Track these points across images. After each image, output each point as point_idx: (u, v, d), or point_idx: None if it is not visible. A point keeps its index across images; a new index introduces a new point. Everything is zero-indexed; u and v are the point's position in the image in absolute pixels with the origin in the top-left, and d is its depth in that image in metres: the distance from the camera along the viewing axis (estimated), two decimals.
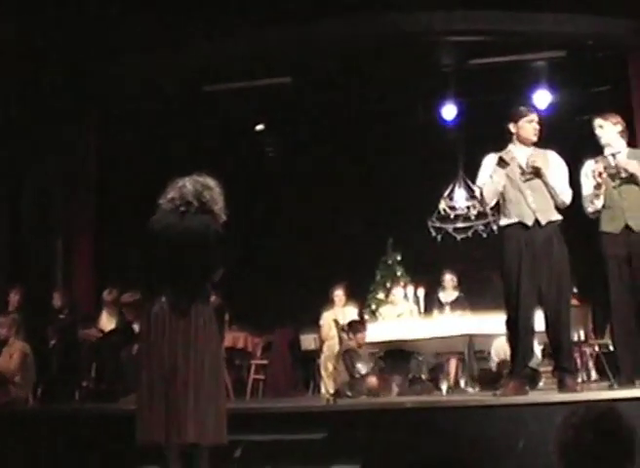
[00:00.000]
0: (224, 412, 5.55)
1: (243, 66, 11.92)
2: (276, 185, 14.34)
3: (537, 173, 6.98)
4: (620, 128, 7.33)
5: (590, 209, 7.18)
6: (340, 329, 10.74)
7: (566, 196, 7.08)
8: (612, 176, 7.15)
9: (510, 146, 7.23)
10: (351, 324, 10.40)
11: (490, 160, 7.23)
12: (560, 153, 7.24)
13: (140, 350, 5.69)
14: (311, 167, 14.41)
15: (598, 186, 7.08)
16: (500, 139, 7.37)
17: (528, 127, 7.17)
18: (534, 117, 7.21)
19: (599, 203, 7.13)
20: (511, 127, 7.18)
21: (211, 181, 5.89)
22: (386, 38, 11.27)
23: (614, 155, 7.22)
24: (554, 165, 7.13)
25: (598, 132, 7.28)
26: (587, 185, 7.21)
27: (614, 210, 7.11)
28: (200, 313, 5.49)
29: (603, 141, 7.27)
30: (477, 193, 7.36)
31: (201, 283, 5.67)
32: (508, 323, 7.16)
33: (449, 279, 11.62)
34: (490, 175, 7.05)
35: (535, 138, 7.18)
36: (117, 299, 10.57)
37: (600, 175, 7.08)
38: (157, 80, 11.89)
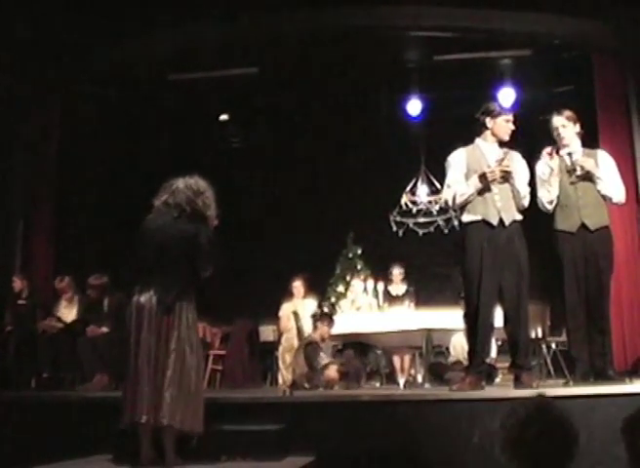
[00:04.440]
0: (202, 403, 5.80)
1: (210, 56, 11.87)
2: (238, 175, 14.28)
3: (506, 177, 7.00)
4: (578, 128, 7.38)
5: (545, 198, 7.20)
6: (312, 316, 10.75)
7: (526, 200, 7.13)
8: (569, 173, 7.19)
9: (478, 141, 7.23)
10: (322, 314, 10.45)
11: (458, 156, 7.21)
12: (522, 152, 7.27)
13: (125, 338, 5.85)
14: (274, 158, 14.39)
15: (551, 171, 7.15)
16: (463, 135, 7.37)
17: (504, 125, 7.17)
18: (511, 117, 7.23)
19: (554, 191, 7.17)
20: (487, 121, 7.16)
21: (203, 185, 6.08)
22: (353, 32, 11.26)
23: (570, 154, 7.26)
24: (519, 168, 7.15)
25: (561, 131, 7.30)
26: (542, 174, 7.26)
27: (569, 208, 7.16)
28: (184, 309, 5.77)
29: (565, 141, 7.30)
30: (446, 193, 7.26)
31: (188, 282, 5.89)
32: (468, 318, 7.19)
33: (397, 273, 11.71)
34: (467, 184, 7.04)
35: (507, 138, 7.19)
36: (69, 286, 10.56)
37: (551, 154, 7.14)
38: (123, 67, 11.80)
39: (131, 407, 5.59)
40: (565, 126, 7.32)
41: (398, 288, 11.59)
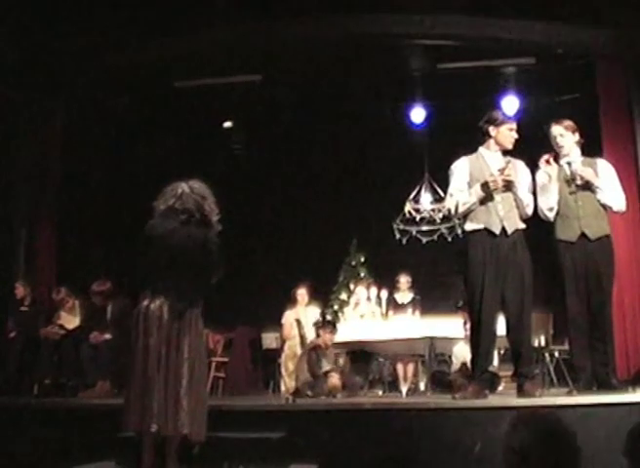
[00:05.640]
0: (206, 411, 5.79)
1: (214, 63, 11.87)
2: (241, 183, 14.29)
3: (508, 186, 7.00)
4: (577, 137, 7.38)
5: (544, 205, 7.20)
6: (314, 324, 10.76)
7: (530, 208, 7.13)
8: (568, 183, 7.20)
9: (481, 150, 7.22)
10: (324, 321, 10.45)
11: (461, 165, 7.21)
12: (525, 161, 7.27)
13: (132, 344, 5.78)
14: (277, 166, 14.39)
15: (549, 178, 7.17)
16: (466, 144, 7.37)
17: (507, 134, 7.17)
18: (514, 126, 7.23)
19: (553, 198, 7.17)
20: (490, 130, 7.16)
21: (206, 190, 6.07)
22: (357, 40, 11.26)
23: (569, 163, 7.27)
24: (522, 176, 7.15)
25: (559, 140, 7.32)
26: (540, 181, 7.29)
27: (570, 218, 7.16)
28: (194, 316, 5.75)
29: (563, 151, 7.31)
30: (449, 201, 7.27)
31: (198, 288, 5.87)
32: (471, 327, 7.18)
33: (404, 281, 11.68)
34: (470, 193, 7.04)
35: (511, 147, 7.19)
36: (67, 296, 10.57)
37: (548, 161, 7.16)
38: (127, 73, 11.80)
39: (139, 415, 5.54)
40: (563, 135, 7.32)
41: (404, 296, 11.58)
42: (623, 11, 10.19)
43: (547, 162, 7.24)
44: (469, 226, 7.07)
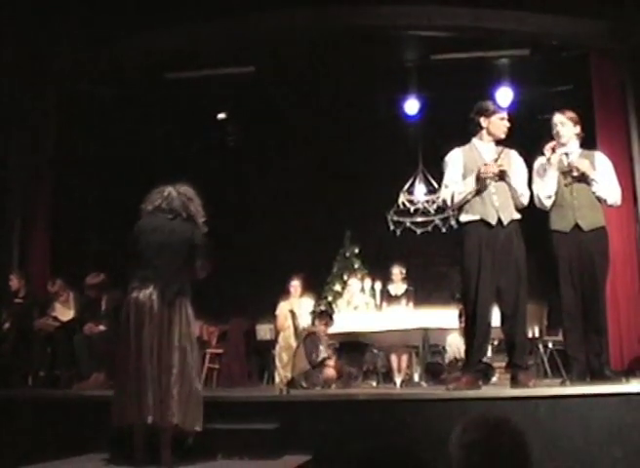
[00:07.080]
0: (202, 401, 5.83)
1: (206, 54, 11.85)
2: (235, 174, 14.28)
3: (502, 176, 7.00)
4: (578, 129, 7.38)
5: (542, 193, 7.21)
6: (311, 313, 10.77)
7: (525, 198, 7.13)
8: (564, 174, 7.20)
9: (474, 141, 7.23)
10: (323, 313, 10.46)
11: (455, 156, 7.21)
12: (520, 152, 7.27)
13: (123, 336, 5.82)
14: (271, 157, 14.38)
15: (550, 165, 7.18)
16: (460, 135, 7.37)
17: (499, 124, 7.18)
18: (505, 115, 7.24)
19: (552, 186, 7.18)
20: (482, 121, 7.17)
21: (192, 192, 6.20)
22: (350, 31, 11.24)
23: (567, 154, 7.27)
24: (516, 166, 7.16)
25: (559, 128, 7.31)
26: (539, 168, 7.30)
27: (564, 208, 7.17)
28: (183, 305, 5.81)
29: (562, 140, 7.31)
30: (444, 192, 7.25)
31: (186, 278, 5.95)
32: (465, 318, 7.19)
33: (398, 272, 11.64)
34: (465, 183, 7.04)
35: (504, 136, 7.20)
36: (62, 288, 10.55)
37: (553, 149, 7.18)
38: (120, 65, 11.78)
39: (131, 406, 5.56)
40: (564, 124, 7.32)
41: (398, 287, 11.56)
42: (618, 2, 10.20)
43: (553, 149, 7.24)
44: (465, 217, 7.07)
